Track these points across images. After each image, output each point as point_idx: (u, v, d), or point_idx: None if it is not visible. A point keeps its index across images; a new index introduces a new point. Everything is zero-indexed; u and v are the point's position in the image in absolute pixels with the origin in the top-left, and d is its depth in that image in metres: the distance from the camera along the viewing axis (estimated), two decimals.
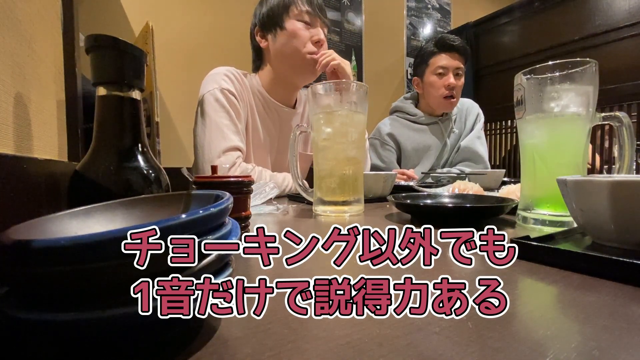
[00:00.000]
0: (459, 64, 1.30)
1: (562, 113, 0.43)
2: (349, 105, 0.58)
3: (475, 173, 1.00)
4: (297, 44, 0.90)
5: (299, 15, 0.90)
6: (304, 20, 0.90)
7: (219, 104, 0.86)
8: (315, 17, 0.92)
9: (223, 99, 0.86)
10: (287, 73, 0.95)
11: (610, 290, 0.23)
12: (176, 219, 0.15)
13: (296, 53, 0.90)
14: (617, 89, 1.57)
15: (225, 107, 0.86)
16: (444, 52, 1.29)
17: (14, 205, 0.27)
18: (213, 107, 0.86)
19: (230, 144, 0.84)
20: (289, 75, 0.95)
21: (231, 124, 0.86)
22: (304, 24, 0.90)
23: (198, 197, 0.24)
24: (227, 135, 0.84)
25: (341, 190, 0.58)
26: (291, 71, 0.94)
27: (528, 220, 0.45)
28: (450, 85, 1.28)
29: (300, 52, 0.90)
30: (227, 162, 0.82)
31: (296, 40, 0.90)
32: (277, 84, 0.97)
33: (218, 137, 0.83)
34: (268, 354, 0.16)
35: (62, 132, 0.46)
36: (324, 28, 0.94)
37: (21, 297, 0.15)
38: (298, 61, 0.91)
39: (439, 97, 1.30)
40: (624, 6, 1.59)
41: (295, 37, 0.89)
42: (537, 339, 0.17)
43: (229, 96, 0.87)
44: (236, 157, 0.84)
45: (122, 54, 0.33)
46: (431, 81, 1.31)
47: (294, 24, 0.90)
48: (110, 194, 0.31)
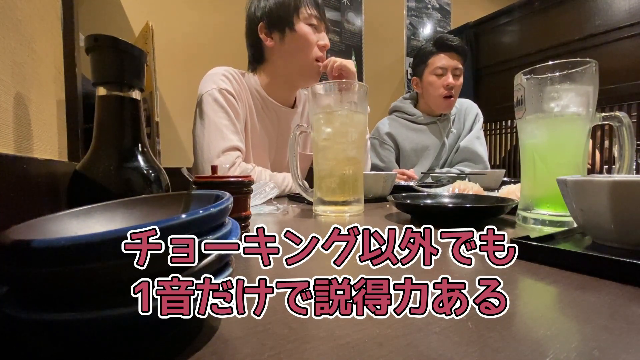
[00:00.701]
0: (457, 64, 1.30)
1: (562, 113, 0.43)
2: (349, 105, 0.58)
3: (475, 173, 1.00)
4: (306, 48, 0.90)
5: (308, 19, 0.90)
6: (312, 23, 0.91)
7: (217, 104, 0.86)
8: (321, 22, 0.92)
9: (222, 99, 0.86)
10: (291, 75, 0.95)
11: (610, 290, 0.23)
12: (176, 219, 0.15)
13: (304, 57, 0.91)
14: (617, 89, 1.57)
15: (224, 107, 0.86)
16: (443, 52, 1.30)
17: (14, 205, 0.27)
18: (212, 108, 0.85)
19: (230, 143, 0.84)
20: (292, 77, 0.95)
21: (230, 124, 0.86)
22: (311, 27, 0.91)
23: (198, 197, 0.24)
24: (227, 135, 0.84)
25: (341, 190, 0.58)
26: (295, 73, 0.94)
27: (528, 220, 0.45)
28: (449, 85, 1.28)
29: (308, 57, 0.91)
30: (226, 162, 0.82)
31: (305, 44, 0.90)
32: (276, 84, 0.96)
33: (217, 137, 0.83)
34: (268, 354, 0.16)
35: (62, 132, 0.46)
36: (327, 32, 0.95)
37: (21, 297, 0.15)
38: (305, 65, 0.92)
39: (438, 97, 1.31)
40: (624, 6, 1.59)
41: (305, 41, 0.89)
42: (537, 339, 0.17)
43: (228, 96, 0.87)
44: (236, 156, 0.84)
45: (122, 54, 0.33)
46: (430, 81, 1.31)
47: (303, 27, 0.89)
48: (110, 194, 0.31)
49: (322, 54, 0.92)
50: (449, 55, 1.29)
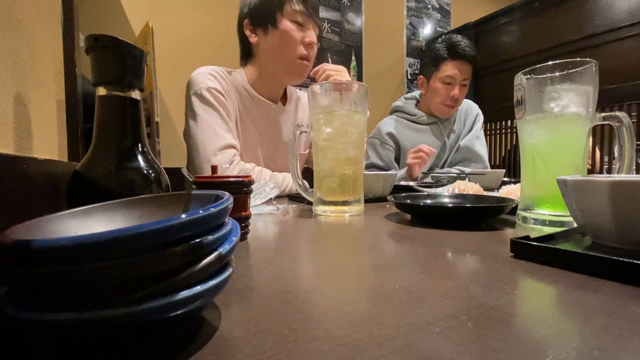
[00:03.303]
0: (466, 75, 1.29)
1: (562, 113, 0.43)
2: (349, 105, 0.58)
3: (475, 173, 1.00)
4: (289, 46, 0.89)
5: (292, 15, 0.88)
6: (297, 20, 0.89)
7: (207, 103, 0.85)
8: (308, 19, 0.91)
9: (211, 97, 0.86)
10: (275, 72, 0.94)
11: (610, 290, 0.23)
12: (176, 219, 0.15)
13: (286, 55, 0.90)
14: (617, 89, 1.57)
15: (214, 106, 0.86)
16: (455, 59, 1.27)
17: (14, 205, 0.27)
18: (202, 107, 0.85)
19: (225, 142, 0.84)
20: (277, 74, 0.95)
21: (223, 122, 0.86)
22: (296, 24, 0.89)
23: (198, 197, 0.24)
24: (221, 134, 0.84)
25: (341, 190, 0.58)
26: (279, 71, 0.94)
27: (528, 220, 0.45)
28: (454, 96, 1.28)
29: (291, 55, 0.90)
30: (224, 160, 0.81)
31: (288, 42, 0.88)
32: (263, 80, 0.96)
33: (212, 136, 0.83)
34: (268, 354, 0.16)
35: (62, 132, 0.46)
36: (315, 30, 0.93)
37: (21, 297, 0.15)
38: (288, 63, 0.91)
39: (440, 104, 1.31)
40: (624, 6, 1.59)
41: (287, 38, 0.88)
42: (537, 339, 0.17)
43: (217, 94, 0.87)
44: (233, 154, 0.84)
45: (122, 54, 0.33)
46: (437, 87, 1.30)
47: (286, 24, 0.88)
48: (110, 194, 0.31)
49: (307, 52, 0.91)
50: (460, 64, 1.27)
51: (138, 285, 0.14)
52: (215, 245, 0.17)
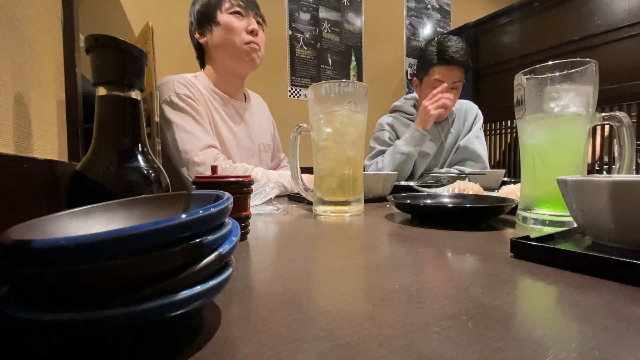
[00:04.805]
0: (456, 79, 1.27)
1: (562, 113, 0.43)
2: (349, 105, 0.58)
3: (475, 173, 1.00)
4: (233, 35, 0.94)
5: (230, 9, 0.94)
6: (236, 11, 0.95)
7: (179, 109, 0.87)
8: (247, 9, 0.96)
9: (182, 103, 0.87)
10: (229, 64, 0.98)
11: (610, 290, 0.23)
12: (176, 219, 0.15)
13: (233, 44, 0.94)
14: (617, 89, 1.57)
15: (186, 110, 0.87)
16: (444, 64, 1.25)
17: (14, 205, 0.27)
18: (175, 113, 0.86)
19: (205, 142, 0.85)
20: (231, 66, 0.99)
21: (198, 125, 0.87)
22: (236, 15, 0.95)
23: (198, 197, 0.24)
24: (199, 136, 0.86)
25: (341, 190, 0.58)
26: (231, 62, 0.98)
27: (528, 220, 0.45)
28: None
29: (237, 43, 0.94)
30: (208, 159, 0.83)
31: (231, 31, 0.94)
32: (222, 78, 1.01)
33: (190, 139, 0.84)
34: (268, 354, 0.16)
35: (62, 132, 0.46)
36: (257, 19, 0.99)
37: (21, 297, 0.15)
38: (236, 51, 0.95)
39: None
40: (624, 6, 1.59)
41: (229, 29, 0.94)
42: (537, 339, 0.17)
43: (187, 99, 0.88)
44: (215, 153, 0.86)
45: (122, 54, 0.33)
46: (427, 92, 1.29)
47: (226, 17, 0.94)
48: (110, 194, 0.31)
49: (252, 37, 0.96)
50: (448, 69, 1.25)
51: (138, 285, 0.14)
52: (215, 245, 0.17)
